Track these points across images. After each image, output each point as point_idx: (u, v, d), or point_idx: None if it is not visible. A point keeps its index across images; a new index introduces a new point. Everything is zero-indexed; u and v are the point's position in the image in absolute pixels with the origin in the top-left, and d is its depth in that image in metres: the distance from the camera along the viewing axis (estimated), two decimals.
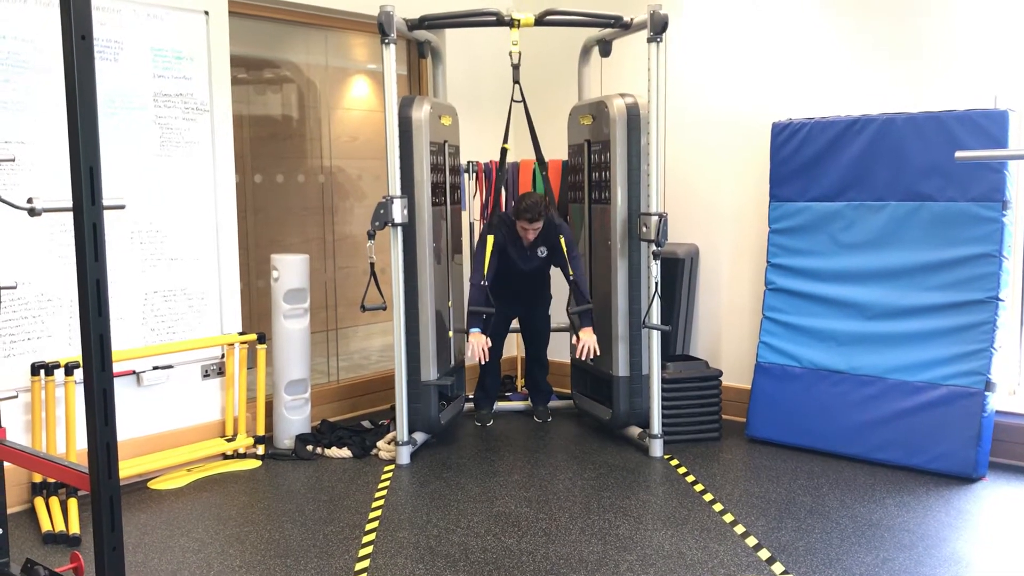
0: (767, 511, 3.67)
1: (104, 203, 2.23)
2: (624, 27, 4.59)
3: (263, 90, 5.51)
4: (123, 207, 2.61)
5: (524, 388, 5.53)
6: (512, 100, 4.69)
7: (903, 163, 4.26)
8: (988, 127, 4.01)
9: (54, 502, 3.73)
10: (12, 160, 3.66)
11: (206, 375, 4.49)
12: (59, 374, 3.81)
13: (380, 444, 4.59)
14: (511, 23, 4.53)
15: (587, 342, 4.43)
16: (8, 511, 3.05)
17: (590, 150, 4.78)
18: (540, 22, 4.56)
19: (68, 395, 3.80)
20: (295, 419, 4.66)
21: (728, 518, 3.60)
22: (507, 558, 3.25)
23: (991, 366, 4.02)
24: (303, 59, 5.53)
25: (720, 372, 4.75)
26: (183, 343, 4.32)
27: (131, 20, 4.11)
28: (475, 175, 5.26)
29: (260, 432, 4.59)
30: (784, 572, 3.09)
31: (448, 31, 5.35)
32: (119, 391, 3.74)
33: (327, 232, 5.69)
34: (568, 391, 5.40)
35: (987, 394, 4.00)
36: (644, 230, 4.41)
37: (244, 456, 4.48)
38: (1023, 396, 4.30)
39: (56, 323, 3.91)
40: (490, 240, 4.61)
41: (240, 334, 4.52)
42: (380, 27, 4.21)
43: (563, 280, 4.81)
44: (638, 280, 4.57)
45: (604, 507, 3.75)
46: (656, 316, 4.40)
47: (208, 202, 4.44)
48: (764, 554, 3.24)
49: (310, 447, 4.57)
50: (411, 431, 4.49)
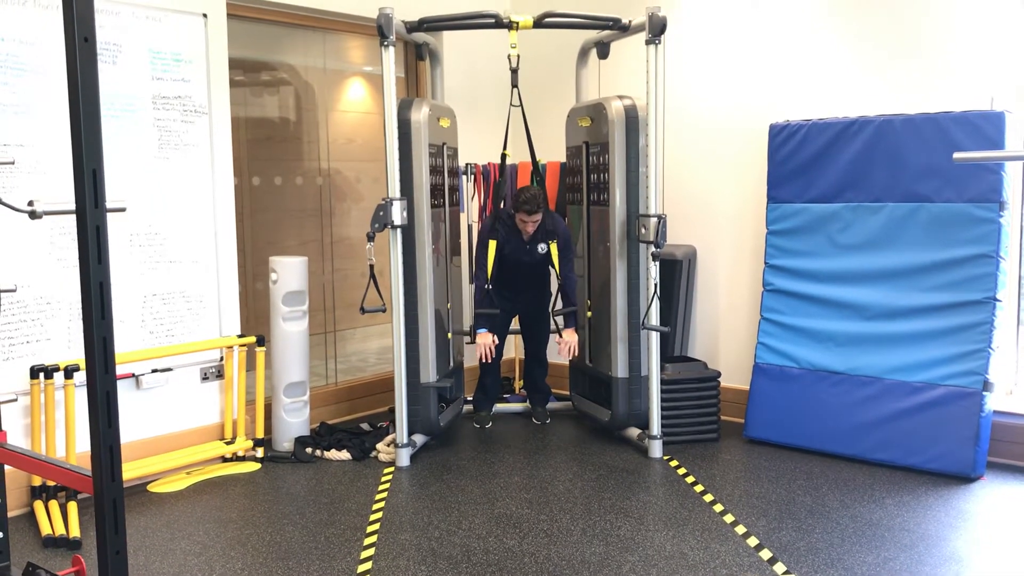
0: (767, 511, 3.68)
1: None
2: (623, 29, 4.60)
3: (261, 92, 5.50)
4: (124, 209, 2.60)
5: (522, 390, 5.53)
6: (511, 105, 4.70)
7: (900, 164, 4.28)
8: (985, 128, 4.03)
9: (53, 505, 3.72)
10: (12, 163, 3.65)
11: (205, 378, 4.49)
12: (59, 377, 3.80)
13: (379, 446, 4.59)
14: (510, 25, 4.54)
15: (569, 342, 4.66)
16: (7, 515, 3.04)
17: (588, 152, 4.79)
18: (539, 24, 4.57)
19: (68, 398, 3.79)
20: (294, 422, 4.66)
21: (729, 519, 3.61)
22: (509, 560, 3.25)
23: (989, 366, 4.04)
24: (301, 61, 5.53)
25: (718, 373, 4.76)
26: (182, 346, 4.31)
27: (130, 22, 4.10)
28: (473, 177, 5.27)
29: (259, 435, 4.59)
30: (786, 572, 3.10)
31: (446, 33, 5.36)
32: (118, 394, 3.73)
33: (324, 234, 5.68)
34: (566, 393, 5.40)
35: (985, 394, 4.02)
36: (643, 232, 4.42)
37: (243, 459, 4.47)
38: (1020, 396, 4.32)
39: (55, 326, 3.90)
40: (492, 244, 4.65)
41: (239, 336, 4.52)
42: (379, 29, 4.21)
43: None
44: (637, 282, 4.58)
45: (605, 508, 3.76)
46: (655, 317, 4.41)
47: (207, 204, 4.44)
48: (766, 554, 3.25)
49: (309, 449, 4.56)
50: (411, 433, 4.49)
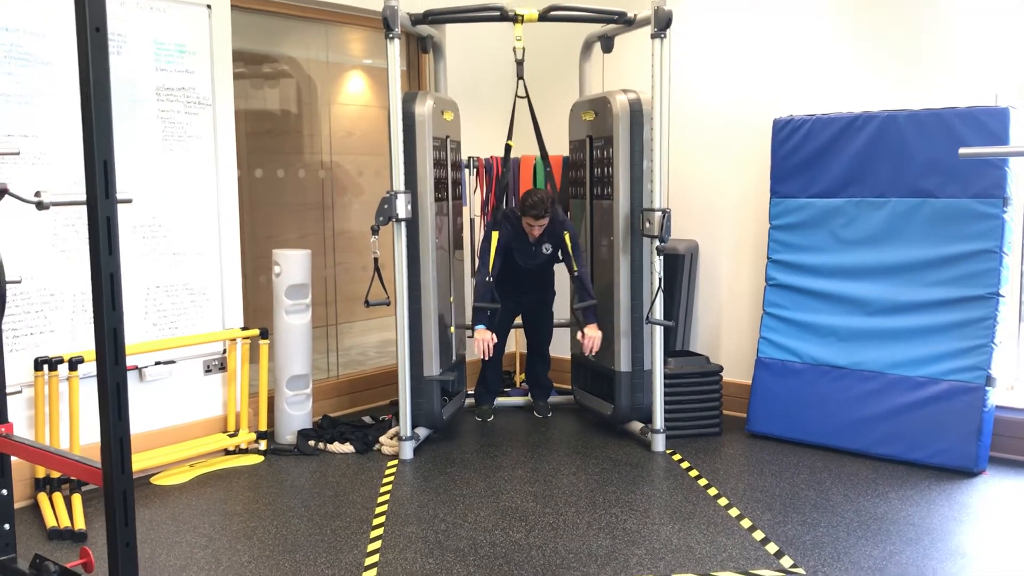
0: (772, 505, 3.69)
1: None
2: (628, 23, 4.59)
3: (262, 85, 5.48)
4: (130, 201, 2.60)
5: (523, 383, 5.53)
6: (516, 96, 4.69)
7: (904, 160, 4.29)
8: (989, 124, 4.03)
9: (58, 497, 3.71)
10: (17, 153, 3.64)
11: (208, 370, 4.48)
12: (63, 369, 3.79)
13: (383, 439, 4.59)
14: (515, 19, 4.53)
15: (593, 338, 4.51)
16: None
17: (592, 146, 4.79)
18: (544, 18, 4.56)
19: (72, 390, 3.78)
20: (297, 414, 4.65)
21: (734, 512, 3.62)
22: (516, 552, 3.26)
23: (991, 361, 4.05)
24: (303, 54, 5.50)
25: (721, 367, 4.77)
26: (185, 338, 4.30)
27: (134, 13, 4.08)
28: (476, 170, 5.26)
29: (262, 427, 4.58)
30: (793, 566, 3.11)
31: (448, 26, 5.34)
32: None
33: (326, 227, 5.67)
34: (566, 386, 5.41)
35: (987, 389, 4.04)
36: (647, 226, 4.42)
37: (246, 451, 4.46)
38: (1022, 391, 4.34)
39: (59, 318, 3.89)
40: (495, 236, 4.62)
41: (242, 329, 4.51)
42: (385, 22, 4.20)
43: (566, 276, 4.83)
44: (640, 276, 4.58)
45: (610, 501, 3.76)
46: (659, 312, 4.41)
47: (210, 197, 4.42)
48: (772, 548, 3.26)
49: (312, 442, 4.56)
50: (414, 426, 4.49)
